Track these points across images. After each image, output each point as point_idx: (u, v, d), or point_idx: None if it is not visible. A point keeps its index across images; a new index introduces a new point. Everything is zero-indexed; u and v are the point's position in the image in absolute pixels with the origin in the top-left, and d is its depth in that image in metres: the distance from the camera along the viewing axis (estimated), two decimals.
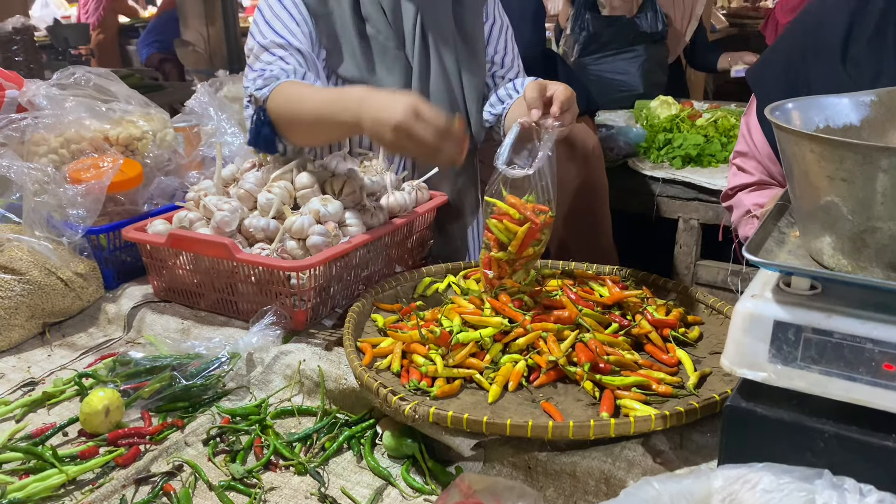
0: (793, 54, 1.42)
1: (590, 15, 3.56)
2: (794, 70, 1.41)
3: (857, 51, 1.31)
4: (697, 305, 1.39)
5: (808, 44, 1.39)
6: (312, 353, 1.28)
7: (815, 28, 1.39)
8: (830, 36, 1.34)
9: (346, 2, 1.59)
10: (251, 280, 1.39)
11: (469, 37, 1.73)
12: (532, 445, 1.02)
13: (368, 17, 1.62)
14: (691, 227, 2.81)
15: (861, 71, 1.30)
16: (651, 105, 3.30)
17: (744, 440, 0.85)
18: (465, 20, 1.73)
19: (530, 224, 1.28)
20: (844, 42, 1.32)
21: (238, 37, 7.01)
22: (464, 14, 1.73)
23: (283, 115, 1.45)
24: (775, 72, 1.45)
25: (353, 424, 1.16)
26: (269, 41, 1.53)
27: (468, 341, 1.16)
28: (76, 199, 1.47)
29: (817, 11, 1.41)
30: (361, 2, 1.61)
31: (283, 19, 1.55)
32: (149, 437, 1.13)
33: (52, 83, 1.70)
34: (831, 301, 0.80)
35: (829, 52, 1.34)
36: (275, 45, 1.52)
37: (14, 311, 1.39)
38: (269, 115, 1.48)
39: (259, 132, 1.51)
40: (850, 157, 0.75)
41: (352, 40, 1.60)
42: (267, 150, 1.54)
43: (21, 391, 1.29)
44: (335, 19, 1.59)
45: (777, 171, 1.50)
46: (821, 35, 1.36)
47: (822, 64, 1.35)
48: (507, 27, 1.83)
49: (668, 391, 1.09)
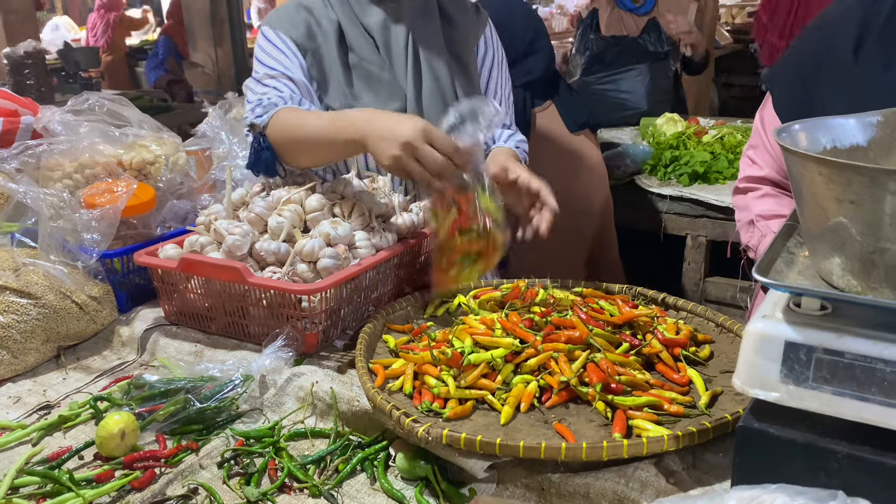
0: (807, 56, 1.47)
1: (594, 35, 3.59)
2: (807, 72, 1.45)
3: (868, 45, 1.35)
4: (707, 324, 1.39)
5: (820, 48, 1.44)
6: (325, 375, 1.28)
7: (827, 33, 1.44)
8: (843, 38, 1.39)
9: (331, 34, 1.64)
10: (262, 303, 1.41)
11: (461, 57, 1.76)
12: (545, 467, 1.02)
13: (352, 46, 1.66)
14: (699, 244, 2.82)
15: (871, 63, 1.34)
16: (657, 122, 3.32)
17: (757, 460, 0.85)
18: (455, 40, 1.75)
19: (455, 204, 1.32)
20: (856, 41, 1.37)
21: (246, 58, 7.11)
22: (455, 34, 1.75)
23: (282, 138, 1.51)
24: (791, 73, 1.51)
25: (367, 446, 1.16)
26: (261, 74, 1.61)
27: (480, 362, 1.17)
28: (91, 223, 1.49)
29: (831, 18, 1.46)
30: (346, 32, 1.66)
31: (275, 55, 1.62)
32: (164, 460, 1.14)
33: (67, 109, 1.73)
34: (842, 321, 0.81)
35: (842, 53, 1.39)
36: (268, 77, 1.60)
37: (30, 334, 1.40)
38: (268, 141, 1.53)
39: (259, 157, 1.56)
40: (857, 179, 0.76)
41: (338, 71, 1.65)
42: (267, 173, 1.59)
43: (37, 415, 1.30)
44: (322, 53, 1.65)
45: None
46: (833, 39, 1.41)
47: (834, 65, 1.40)
48: (503, 59, 1.85)
49: (680, 411, 1.09)
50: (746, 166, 1.64)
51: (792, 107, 1.49)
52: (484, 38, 1.80)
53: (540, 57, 2.48)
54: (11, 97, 1.90)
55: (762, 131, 1.58)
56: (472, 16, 1.79)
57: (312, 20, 1.65)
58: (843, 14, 1.42)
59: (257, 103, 1.56)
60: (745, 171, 1.64)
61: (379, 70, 1.66)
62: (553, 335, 1.22)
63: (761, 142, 1.59)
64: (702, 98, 5.01)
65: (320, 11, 1.66)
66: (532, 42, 2.45)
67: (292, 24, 1.64)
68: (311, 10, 1.66)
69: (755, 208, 1.59)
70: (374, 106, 1.65)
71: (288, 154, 1.54)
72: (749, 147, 1.65)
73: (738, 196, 1.66)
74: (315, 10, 1.66)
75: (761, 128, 1.59)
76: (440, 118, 1.68)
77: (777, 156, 1.55)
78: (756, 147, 1.61)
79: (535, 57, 2.45)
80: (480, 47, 1.81)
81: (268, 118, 1.52)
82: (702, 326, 1.39)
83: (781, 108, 1.50)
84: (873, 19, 1.36)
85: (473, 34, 1.79)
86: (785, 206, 1.58)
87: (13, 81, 5.15)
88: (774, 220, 1.56)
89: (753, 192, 1.61)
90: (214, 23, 6.83)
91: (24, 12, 6.91)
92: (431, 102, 1.70)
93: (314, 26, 1.65)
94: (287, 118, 1.50)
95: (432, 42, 1.70)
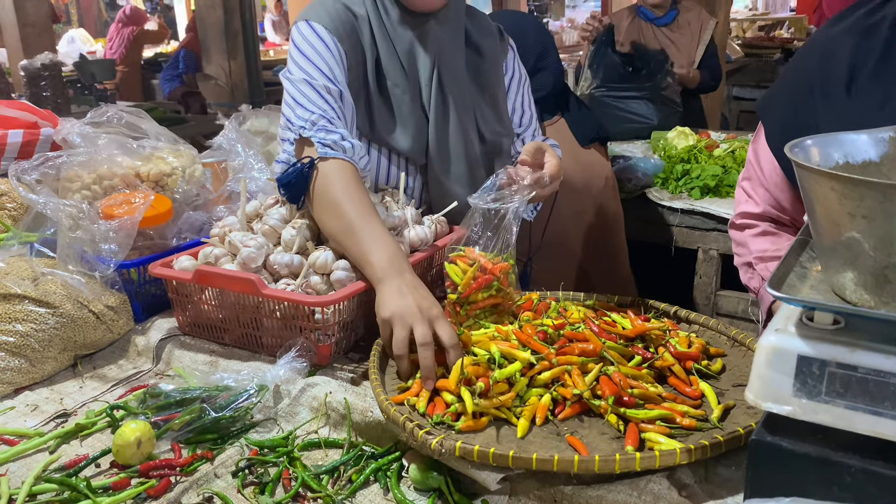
0: (799, 85, 1.44)
1: (605, 51, 3.62)
2: (800, 101, 1.43)
3: (862, 80, 1.33)
4: (719, 337, 1.39)
5: (813, 76, 1.41)
6: (338, 386, 1.30)
7: (819, 61, 1.41)
8: (835, 69, 1.36)
9: (371, 58, 1.61)
10: (276, 315, 1.42)
11: (490, 89, 1.73)
12: (558, 479, 1.03)
13: (388, 71, 1.63)
14: (711, 258, 2.82)
15: (867, 99, 1.32)
16: (668, 136, 3.33)
17: (770, 474, 0.85)
18: (483, 72, 1.73)
19: (478, 264, 1.36)
20: (849, 74, 1.34)
21: (259, 70, 7.19)
22: (483, 66, 1.73)
23: (320, 197, 1.45)
24: (783, 103, 1.48)
25: (380, 457, 1.17)
26: (320, 83, 1.52)
27: (503, 378, 1.17)
28: (108, 234, 1.51)
29: (822, 45, 1.43)
30: (381, 57, 1.62)
31: (327, 59, 1.54)
32: (179, 468, 1.15)
33: (86, 121, 1.76)
34: (855, 335, 0.81)
35: (835, 84, 1.36)
36: (325, 90, 1.52)
37: (48, 343, 1.42)
38: (310, 175, 1.46)
39: (290, 182, 1.48)
40: (869, 195, 0.76)
41: (375, 94, 1.62)
42: (290, 200, 1.53)
43: (54, 423, 1.32)
44: (363, 73, 1.61)
45: (784, 198, 1.52)
46: (826, 68, 1.38)
47: (828, 96, 1.37)
48: (526, 80, 1.84)
49: (693, 424, 1.10)
50: (742, 200, 1.62)
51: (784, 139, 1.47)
52: (506, 63, 1.79)
53: (548, 74, 2.49)
54: (32, 109, 1.93)
55: (755, 164, 1.56)
56: (498, 43, 1.77)
57: (359, 29, 1.60)
58: (835, 41, 1.39)
59: (318, 122, 1.49)
60: (741, 206, 1.62)
61: (410, 99, 1.64)
62: (567, 348, 1.23)
63: (755, 174, 1.56)
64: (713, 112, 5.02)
65: (364, 24, 1.61)
66: (539, 58, 2.47)
67: (344, 29, 1.57)
68: (357, 18, 1.61)
69: (753, 247, 1.58)
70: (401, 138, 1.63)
71: (315, 205, 1.47)
72: (744, 178, 1.62)
73: (735, 231, 1.65)
74: (360, 20, 1.61)
75: (755, 160, 1.56)
76: (461, 152, 1.70)
77: (772, 189, 1.53)
78: (751, 179, 1.58)
79: (544, 74, 2.47)
80: (507, 69, 1.80)
81: (327, 155, 1.46)
82: (714, 340, 1.39)
83: (773, 140, 1.47)
84: (866, 52, 1.33)
85: (500, 61, 1.77)
86: (783, 245, 1.56)
87: (30, 93, 5.23)
88: (773, 263, 1.55)
89: (750, 229, 1.60)
90: (228, 35, 6.91)
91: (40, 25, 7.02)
92: (455, 139, 1.68)
93: (360, 37, 1.60)
94: (334, 183, 1.43)
95: (458, 74, 1.68)
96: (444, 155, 1.69)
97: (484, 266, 1.37)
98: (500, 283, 1.39)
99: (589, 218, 2.60)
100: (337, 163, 1.46)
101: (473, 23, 1.75)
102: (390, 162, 1.69)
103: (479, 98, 1.73)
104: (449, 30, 1.66)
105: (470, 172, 1.72)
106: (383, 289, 1.31)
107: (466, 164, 1.71)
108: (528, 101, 1.85)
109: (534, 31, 2.55)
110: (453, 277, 1.39)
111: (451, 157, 1.69)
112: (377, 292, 1.33)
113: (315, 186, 1.46)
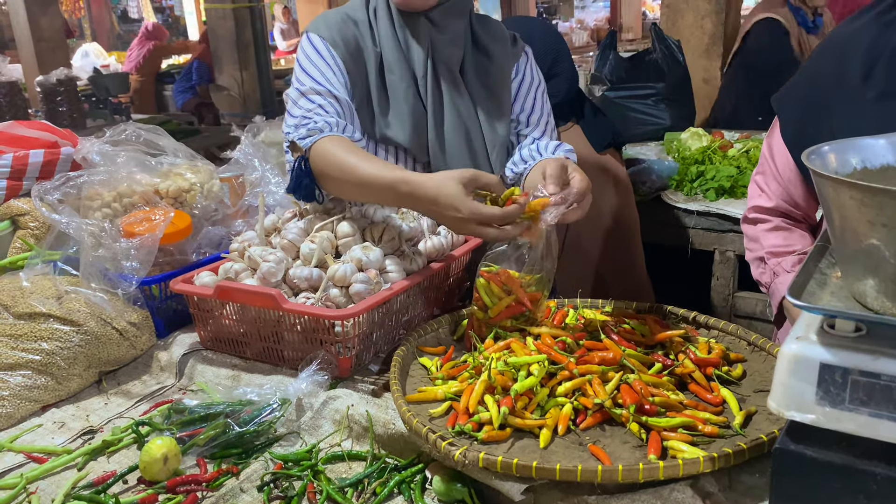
0: (815, 79, 1.45)
1: (612, 53, 3.61)
2: (816, 94, 1.44)
3: (879, 70, 1.34)
4: (739, 342, 1.39)
5: (829, 73, 1.42)
6: (360, 398, 1.31)
7: (836, 57, 1.42)
8: (852, 61, 1.37)
9: (373, 59, 1.65)
10: (297, 329, 1.43)
11: (494, 90, 1.75)
12: (581, 489, 1.03)
13: (390, 68, 1.67)
14: (727, 259, 2.80)
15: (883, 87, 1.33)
16: (682, 137, 3.32)
17: (794, 483, 0.85)
18: (490, 73, 1.75)
19: (515, 297, 1.37)
20: (866, 65, 1.35)
21: (271, 81, 7.24)
22: (490, 68, 1.75)
23: (325, 169, 1.50)
24: (799, 97, 1.49)
25: (403, 469, 1.18)
26: (307, 87, 1.58)
27: (525, 389, 1.17)
28: (130, 251, 1.53)
29: (839, 42, 1.44)
30: (385, 56, 1.66)
31: (321, 67, 1.60)
32: (206, 483, 1.16)
33: (105, 140, 1.78)
34: (877, 343, 0.81)
35: (851, 75, 1.37)
36: (313, 92, 1.58)
37: (73, 360, 1.44)
38: (310, 167, 1.53)
39: (300, 182, 1.55)
40: (889, 203, 0.76)
41: (375, 93, 1.65)
42: (306, 199, 1.57)
43: (81, 439, 1.34)
44: (364, 75, 1.65)
45: (797, 193, 1.53)
46: (842, 62, 1.39)
47: (843, 86, 1.38)
48: (540, 84, 1.84)
49: (715, 431, 1.10)
50: (755, 194, 1.63)
51: (798, 133, 1.48)
52: (517, 66, 1.81)
53: (562, 80, 2.49)
54: (51, 129, 1.96)
55: (769, 158, 1.57)
56: (509, 48, 1.79)
57: (359, 34, 1.65)
58: (851, 38, 1.40)
59: (301, 122, 1.55)
60: (753, 200, 1.62)
61: (408, 87, 1.67)
62: (586, 356, 1.23)
63: (769, 169, 1.57)
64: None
65: (365, 28, 1.66)
66: (553, 65, 2.46)
67: (342, 37, 1.63)
68: (357, 24, 1.66)
69: (765, 242, 1.58)
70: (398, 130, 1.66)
71: (328, 184, 1.54)
72: (757, 173, 1.63)
73: (748, 226, 1.65)
74: (360, 26, 1.66)
75: (769, 155, 1.57)
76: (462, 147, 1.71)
77: (785, 184, 1.54)
78: (764, 174, 1.60)
79: (557, 80, 2.46)
80: (517, 72, 1.81)
81: (311, 143, 1.51)
82: (733, 345, 1.38)
83: (788, 134, 1.48)
84: (883, 45, 1.34)
85: (509, 66, 1.78)
86: (795, 240, 1.57)
87: (46, 109, 5.29)
88: (785, 258, 1.55)
89: (763, 223, 1.60)
90: (239, 46, 6.97)
91: (55, 40, 7.12)
92: (454, 135, 1.70)
93: (360, 42, 1.65)
94: (333, 151, 1.48)
95: (454, 68, 1.70)
96: (444, 149, 1.71)
97: (520, 299, 1.38)
98: (532, 313, 1.40)
99: (605, 223, 2.60)
100: (321, 143, 1.51)
101: (484, 28, 1.77)
102: (397, 160, 1.71)
103: (482, 97, 1.75)
104: (443, 27, 1.68)
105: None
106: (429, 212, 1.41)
107: (470, 160, 1.72)
108: (541, 103, 1.85)
109: (546, 37, 2.54)
110: (484, 297, 1.39)
111: (451, 152, 1.71)
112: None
113: (317, 175, 1.53)
